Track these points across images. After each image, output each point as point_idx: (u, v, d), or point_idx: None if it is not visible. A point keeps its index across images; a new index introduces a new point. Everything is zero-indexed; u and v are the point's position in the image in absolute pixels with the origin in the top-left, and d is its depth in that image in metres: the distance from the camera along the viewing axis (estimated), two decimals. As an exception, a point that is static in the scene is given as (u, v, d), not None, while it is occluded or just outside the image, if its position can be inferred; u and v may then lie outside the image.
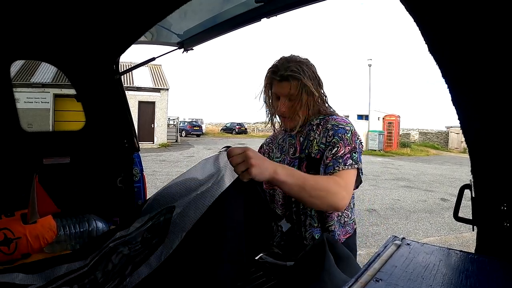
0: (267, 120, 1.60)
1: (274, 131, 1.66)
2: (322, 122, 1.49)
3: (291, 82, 1.42)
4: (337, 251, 1.20)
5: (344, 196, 1.28)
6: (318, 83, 1.49)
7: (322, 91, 1.52)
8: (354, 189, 1.41)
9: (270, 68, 1.49)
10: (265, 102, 1.56)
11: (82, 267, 1.23)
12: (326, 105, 1.54)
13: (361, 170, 1.42)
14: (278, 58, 1.50)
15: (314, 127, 1.50)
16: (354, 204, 1.55)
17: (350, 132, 1.41)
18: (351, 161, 1.36)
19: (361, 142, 1.46)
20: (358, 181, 1.43)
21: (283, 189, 1.24)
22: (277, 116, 1.58)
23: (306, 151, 1.49)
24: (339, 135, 1.41)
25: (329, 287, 1.02)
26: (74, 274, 1.20)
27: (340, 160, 1.36)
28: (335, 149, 1.39)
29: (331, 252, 1.14)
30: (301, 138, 1.53)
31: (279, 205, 1.56)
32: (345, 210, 1.46)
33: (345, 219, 1.49)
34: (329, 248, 1.15)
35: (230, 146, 1.17)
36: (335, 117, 1.49)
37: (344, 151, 1.38)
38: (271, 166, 1.13)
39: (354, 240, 1.55)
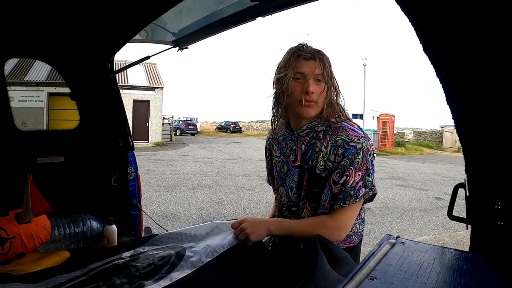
0: (273, 112, 1.46)
1: (272, 126, 1.52)
2: (330, 132, 1.34)
3: (319, 62, 1.32)
4: (332, 253, 1.20)
5: (338, 234, 1.34)
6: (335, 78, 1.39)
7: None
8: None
9: (294, 47, 1.37)
10: (274, 87, 1.41)
11: (80, 276, 1.22)
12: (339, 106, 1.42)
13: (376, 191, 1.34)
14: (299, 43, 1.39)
15: (321, 135, 1.36)
16: (364, 212, 1.50)
17: (361, 152, 1.27)
18: (364, 189, 1.28)
19: (373, 155, 1.34)
20: (368, 200, 1.37)
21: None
22: (281, 112, 1.45)
23: (310, 163, 1.37)
24: (349, 157, 1.27)
25: (322, 284, 1.03)
26: (74, 281, 1.19)
27: (352, 192, 1.27)
28: (344, 177, 1.27)
29: (326, 255, 1.15)
30: (303, 146, 1.40)
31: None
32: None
33: (352, 230, 1.42)
34: (324, 251, 1.15)
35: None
36: (347, 127, 1.33)
37: (355, 179, 1.27)
38: (265, 226, 1.34)
39: (358, 249, 1.50)
